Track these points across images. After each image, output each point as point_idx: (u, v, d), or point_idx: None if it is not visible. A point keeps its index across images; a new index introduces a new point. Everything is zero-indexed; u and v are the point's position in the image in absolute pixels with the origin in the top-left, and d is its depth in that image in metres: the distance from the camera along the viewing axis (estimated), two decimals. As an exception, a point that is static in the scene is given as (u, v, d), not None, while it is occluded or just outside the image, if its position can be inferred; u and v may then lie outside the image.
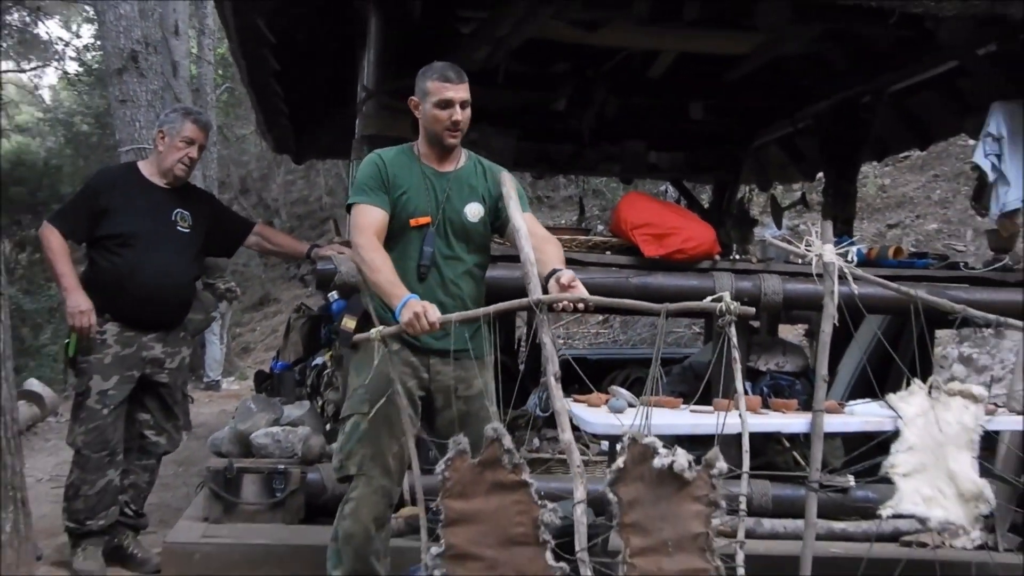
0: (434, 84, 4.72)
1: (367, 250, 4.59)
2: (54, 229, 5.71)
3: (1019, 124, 6.78)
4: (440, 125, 4.73)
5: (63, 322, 6.12)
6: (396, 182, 4.75)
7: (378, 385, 4.63)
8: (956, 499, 4.45)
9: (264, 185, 25.01)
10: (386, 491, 4.78)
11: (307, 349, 8.85)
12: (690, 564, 3.90)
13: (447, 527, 4.08)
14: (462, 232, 4.82)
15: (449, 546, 4.06)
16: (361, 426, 4.71)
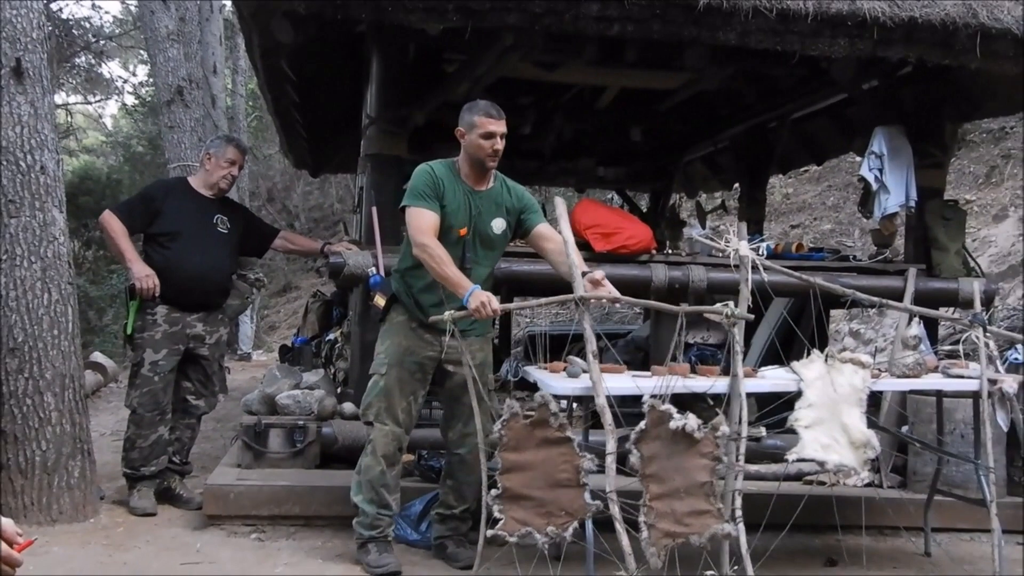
0: (480, 119, 4.78)
1: (434, 248, 4.59)
2: (115, 216, 5.77)
3: (897, 144, 6.80)
4: (483, 152, 4.78)
5: (122, 306, 6.10)
6: (444, 193, 4.76)
7: (396, 353, 4.84)
8: (848, 446, 4.46)
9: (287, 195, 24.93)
10: (396, 436, 4.84)
11: (322, 327, 8.82)
12: (697, 506, 4.12)
13: (503, 474, 4.28)
14: (487, 242, 4.88)
15: (505, 489, 4.26)
16: (380, 384, 4.85)
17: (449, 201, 4.76)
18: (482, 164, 4.83)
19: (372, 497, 4.82)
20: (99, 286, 18.07)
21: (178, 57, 14.10)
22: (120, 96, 28.15)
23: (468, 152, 4.85)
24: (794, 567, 4.99)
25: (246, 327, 16.47)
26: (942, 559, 5.29)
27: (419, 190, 4.73)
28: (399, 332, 4.87)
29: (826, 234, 16.00)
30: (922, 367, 4.95)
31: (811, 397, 4.51)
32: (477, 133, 4.79)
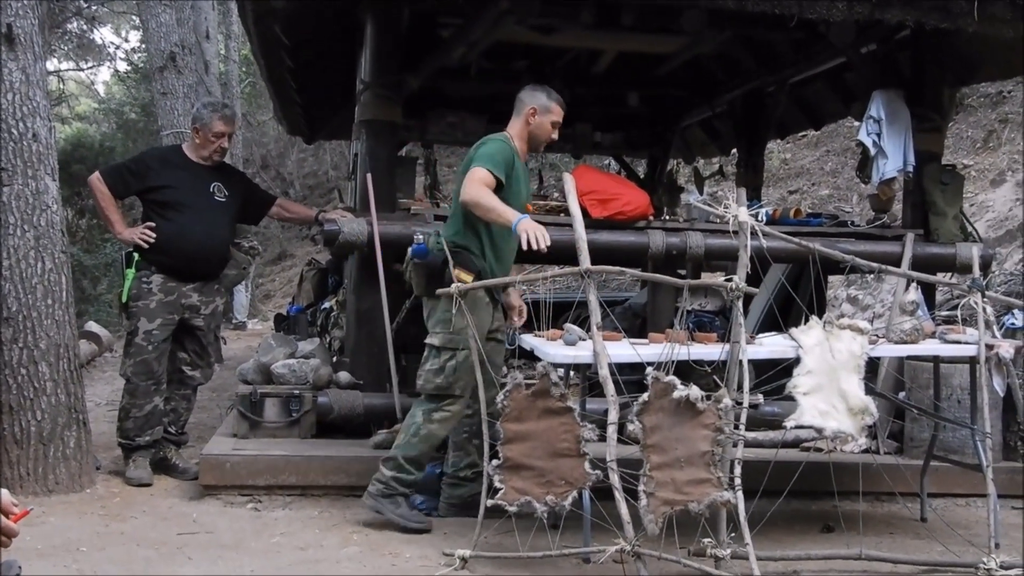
0: (555, 106, 5.10)
1: (486, 194, 4.71)
2: (103, 180, 5.77)
3: (895, 108, 6.77)
4: (547, 136, 5.12)
5: (117, 275, 6.10)
6: (514, 169, 4.95)
7: (481, 328, 4.88)
8: (846, 413, 4.46)
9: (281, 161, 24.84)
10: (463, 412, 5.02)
11: (317, 296, 8.82)
12: (697, 475, 4.14)
13: (504, 444, 4.33)
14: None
15: (506, 459, 4.31)
16: (464, 359, 4.85)
17: (518, 176, 4.99)
18: (538, 147, 5.17)
19: (419, 460, 4.94)
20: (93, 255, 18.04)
21: (170, 22, 14.03)
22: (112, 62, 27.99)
23: (532, 131, 5.08)
24: (791, 533, 5.01)
25: (241, 296, 16.47)
26: (938, 524, 5.31)
27: (495, 158, 4.86)
28: (479, 307, 4.91)
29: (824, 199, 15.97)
30: (919, 333, 4.96)
31: (809, 364, 4.51)
32: (549, 118, 5.08)
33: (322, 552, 4.53)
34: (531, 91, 5.12)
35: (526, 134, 5.09)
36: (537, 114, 5.06)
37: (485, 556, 4.37)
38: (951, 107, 8.41)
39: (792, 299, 6.70)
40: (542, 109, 5.06)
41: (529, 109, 5.05)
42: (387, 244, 6.14)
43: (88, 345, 10.88)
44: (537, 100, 5.07)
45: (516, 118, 5.13)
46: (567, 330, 4.61)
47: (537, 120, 5.06)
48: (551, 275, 4.83)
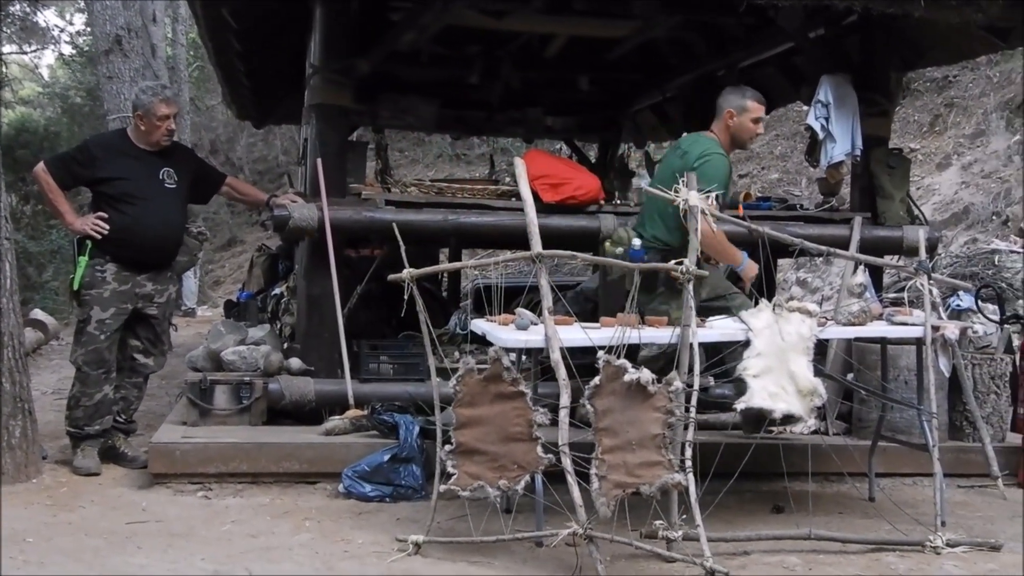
0: (752, 103, 5.36)
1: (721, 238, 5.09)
2: (49, 172, 5.65)
3: (843, 93, 6.83)
4: (750, 134, 5.40)
5: (64, 262, 6.02)
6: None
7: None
8: (795, 394, 4.51)
9: (230, 146, 24.65)
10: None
11: (267, 282, 8.78)
12: (648, 458, 4.16)
13: (457, 429, 4.35)
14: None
15: (459, 444, 4.31)
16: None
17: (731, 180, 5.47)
18: (744, 144, 5.46)
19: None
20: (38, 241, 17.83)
21: (116, 5, 13.87)
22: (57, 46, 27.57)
23: (734, 131, 5.38)
24: (742, 514, 5.06)
25: (190, 282, 16.35)
26: (886, 503, 5.38)
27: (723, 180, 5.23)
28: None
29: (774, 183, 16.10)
30: (867, 315, 5.01)
31: (759, 346, 4.55)
32: (748, 116, 5.35)
33: (274, 539, 4.51)
34: (727, 94, 5.43)
35: (728, 136, 5.41)
36: (735, 116, 5.36)
37: (438, 541, 4.37)
38: (898, 91, 8.50)
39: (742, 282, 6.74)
40: (739, 110, 5.36)
41: (727, 113, 5.37)
42: (338, 229, 6.12)
43: (34, 333, 10.75)
44: (733, 103, 5.38)
45: (717, 121, 5.48)
46: (519, 315, 4.62)
47: (736, 121, 5.37)
48: (502, 260, 4.82)
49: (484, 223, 6.36)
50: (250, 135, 23.49)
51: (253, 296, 8.62)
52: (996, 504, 5.44)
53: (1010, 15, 6.31)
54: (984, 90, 15.08)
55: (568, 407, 4.13)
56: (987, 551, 4.54)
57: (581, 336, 4.44)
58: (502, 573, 4.08)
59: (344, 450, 5.47)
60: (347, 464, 5.28)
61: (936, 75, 15.91)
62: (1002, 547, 4.57)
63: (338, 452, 5.46)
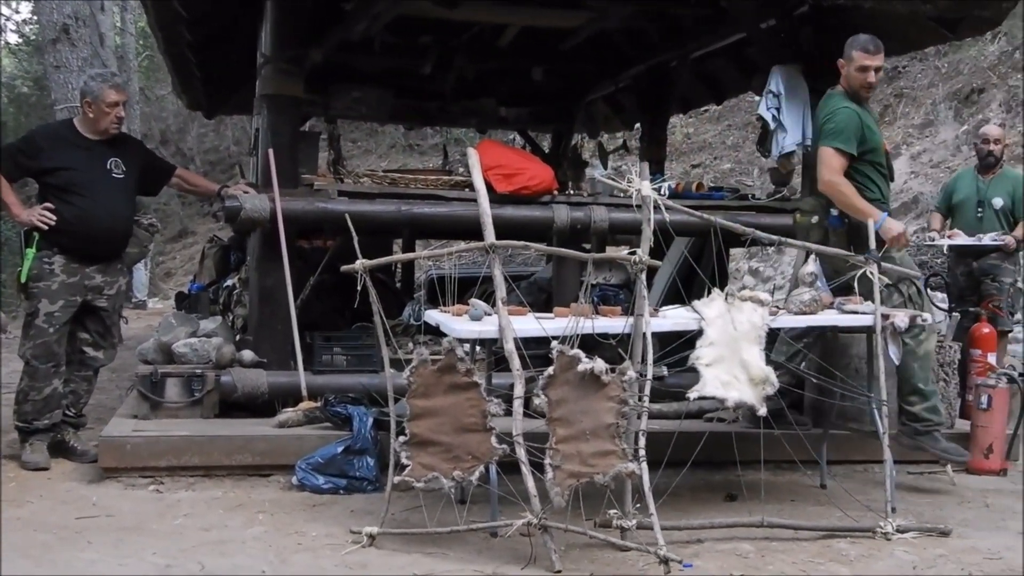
0: (857, 53, 5.38)
1: (843, 187, 5.32)
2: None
3: (794, 83, 6.86)
4: (857, 83, 5.43)
5: (11, 254, 5.93)
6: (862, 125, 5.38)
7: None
8: (748, 383, 4.54)
9: (181, 137, 24.44)
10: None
11: (219, 273, 8.71)
12: (602, 447, 4.18)
13: (411, 420, 4.33)
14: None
15: (413, 435, 4.31)
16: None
17: (868, 127, 5.40)
18: (857, 96, 5.44)
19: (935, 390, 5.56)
20: (-17, 234, 17.57)
21: (63, -7, 13.66)
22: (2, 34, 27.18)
23: (849, 82, 5.46)
24: (695, 502, 5.08)
25: (140, 274, 16.19)
26: (837, 490, 5.43)
27: (847, 133, 5.33)
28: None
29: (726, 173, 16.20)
30: (818, 304, 5.05)
31: (712, 335, 4.57)
32: (853, 66, 5.40)
33: (227, 533, 4.48)
34: (845, 46, 5.49)
35: (849, 88, 5.49)
36: (845, 66, 5.46)
37: (393, 533, 4.36)
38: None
39: (695, 272, 6.78)
40: (847, 60, 5.44)
41: (839, 63, 5.49)
42: (290, 220, 6.09)
43: (-20, 326, 10.60)
44: (845, 52, 5.46)
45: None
46: (472, 305, 4.61)
47: (846, 71, 5.47)
48: (456, 250, 4.81)
49: (437, 214, 6.36)
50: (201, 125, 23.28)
51: (205, 288, 8.55)
52: (945, 490, 5.52)
53: (958, 6, 6.38)
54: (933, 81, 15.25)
55: (522, 397, 4.15)
56: (936, 536, 4.60)
57: (535, 326, 4.45)
58: (457, 564, 4.08)
59: (297, 442, 5.44)
60: (300, 456, 5.26)
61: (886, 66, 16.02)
62: (951, 532, 4.64)
63: (291, 444, 5.43)
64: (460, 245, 4.88)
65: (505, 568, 4.02)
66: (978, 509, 5.17)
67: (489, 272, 4.43)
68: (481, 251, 4.57)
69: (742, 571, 4.08)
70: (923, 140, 14.01)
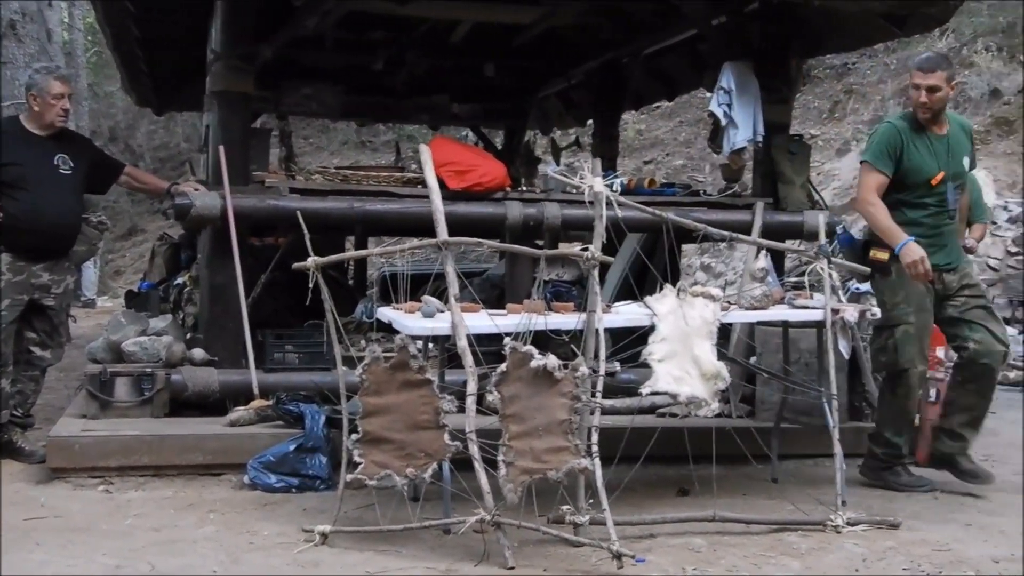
0: (913, 72, 5.30)
1: (876, 205, 5.22)
2: None
3: (745, 80, 6.92)
4: (915, 103, 5.27)
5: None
6: (904, 148, 5.22)
7: (916, 298, 5.26)
8: (700, 378, 4.57)
9: (131, 134, 24.19)
10: (921, 375, 5.37)
11: (169, 271, 8.65)
12: (555, 443, 4.19)
13: (364, 418, 4.32)
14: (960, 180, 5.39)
15: (365, 432, 4.28)
16: (908, 331, 5.25)
17: (911, 152, 5.22)
18: (917, 114, 5.27)
19: (901, 429, 5.40)
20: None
21: (9, -12, 13.49)
22: (-53, 30, 26.78)
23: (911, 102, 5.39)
24: (648, 497, 5.11)
25: (89, 272, 16.01)
26: (788, 484, 5.49)
27: (878, 150, 5.26)
28: (910, 280, 5.21)
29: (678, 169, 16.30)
30: (769, 299, 5.09)
31: (664, 331, 4.59)
32: (911, 83, 5.31)
33: (177, 532, 4.44)
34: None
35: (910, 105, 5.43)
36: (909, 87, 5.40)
37: (345, 531, 4.35)
38: (798, 78, 8.63)
39: (647, 268, 6.81)
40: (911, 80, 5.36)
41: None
42: (241, 218, 6.05)
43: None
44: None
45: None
46: (425, 302, 4.61)
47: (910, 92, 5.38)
48: (408, 247, 4.79)
49: (390, 211, 6.34)
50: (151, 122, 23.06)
51: (155, 286, 8.49)
52: (895, 483, 5.58)
53: (906, 4, 6.47)
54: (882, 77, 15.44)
55: (475, 394, 4.15)
56: (886, 529, 4.65)
57: (488, 323, 4.45)
58: (410, 561, 4.07)
59: (249, 441, 5.41)
60: (252, 455, 5.23)
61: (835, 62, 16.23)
62: (900, 525, 4.69)
63: (243, 443, 5.40)
64: (413, 242, 4.84)
65: (458, 565, 4.02)
66: (927, 501, 5.23)
67: (442, 269, 4.43)
68: (434, 248, 4.55)
69: (694, 565, 4.10)
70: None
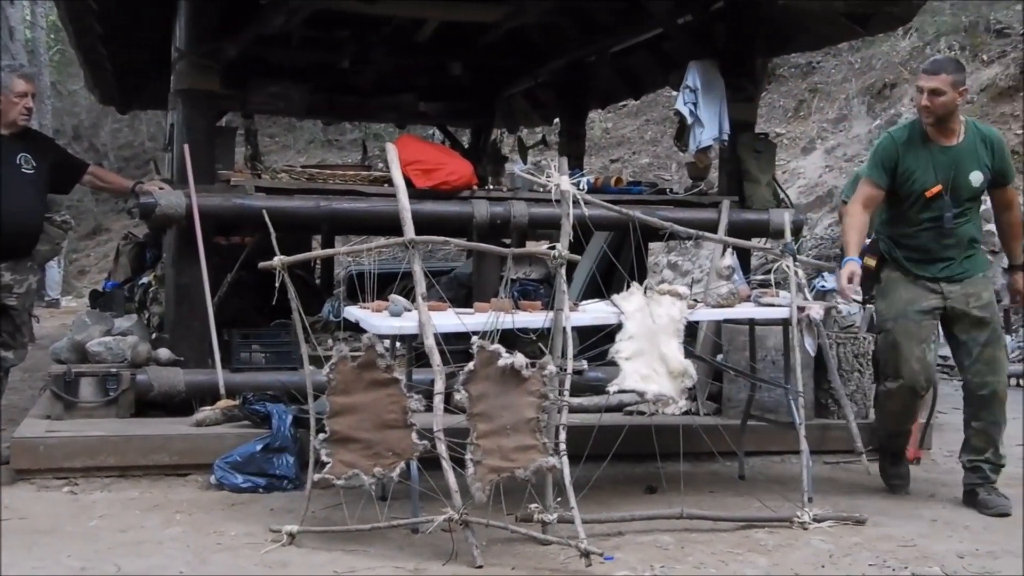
0: (919, 75, 4.98)
1: (851, 215, 5.09)
2: None
3: (710, 78, 6.94)
4: (918, 105, 4.94)
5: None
6: (901, 159, 4.97)
7: (898, 306, 5.06)
8: (667, 376, 4.58)
9: (94, 132, 23.99)
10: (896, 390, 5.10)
11: (134, 271, 8.59)
12: (523, 442, 4.19)
13: (331, 418, 4.30)
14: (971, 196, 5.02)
15: (333, 432, 4.27)
16: (889, 338, 5.09)
17: (907, 164, 4.96)
18: (926, 119, 4.94)
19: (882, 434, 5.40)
20: None
21: (-31, -14, 13.36)
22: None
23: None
24: (616, 495, 5.12)
25: (53, 272, 15.93)
26: (755, 481, 5.52)
27: (873, 160, 5.12)
28: (897, 287, 5.10)
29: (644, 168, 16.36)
30: (735, 296, 5.11)
31: (631, 329, 4.60)
32: (916, 86, 4.99)
33: (143, 534, 4.41)
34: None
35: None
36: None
37: (313, 531, 4.33)
38: (763, 77, 8.69)
39: (615, 266, 6.83)
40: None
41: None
42: (207, 217, 6.01)
43: None
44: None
45: None
46: (392, 301, 4.60)
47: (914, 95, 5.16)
48: (375, 246, 4.78)
49: (357, 209, 6.32)
50: (115, 120, 22.88)
51: (120, 285, 8.43)
52: (861, 480, 5.62)
53: (869, 3, 6.53)
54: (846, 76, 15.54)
55: (443, 393, 4.14)
56: (852, 525, 4.68)
57: (455, 322, 4.45)
58: (378, 561, 4.06)
59: (216, 441, 5.37)
60: (219, 455, 5.20)
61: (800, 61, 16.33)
62: (866, 521, 4.72)
63: (209, 443, 5.37)
64: (379, 241, 4.83)
65: (427, 564, 4.02)
66: (893, 498, 5.26)
67: (409, 268, 4.42)
68: (401, 247, 4.54)
69: (662, 563, 4.11)
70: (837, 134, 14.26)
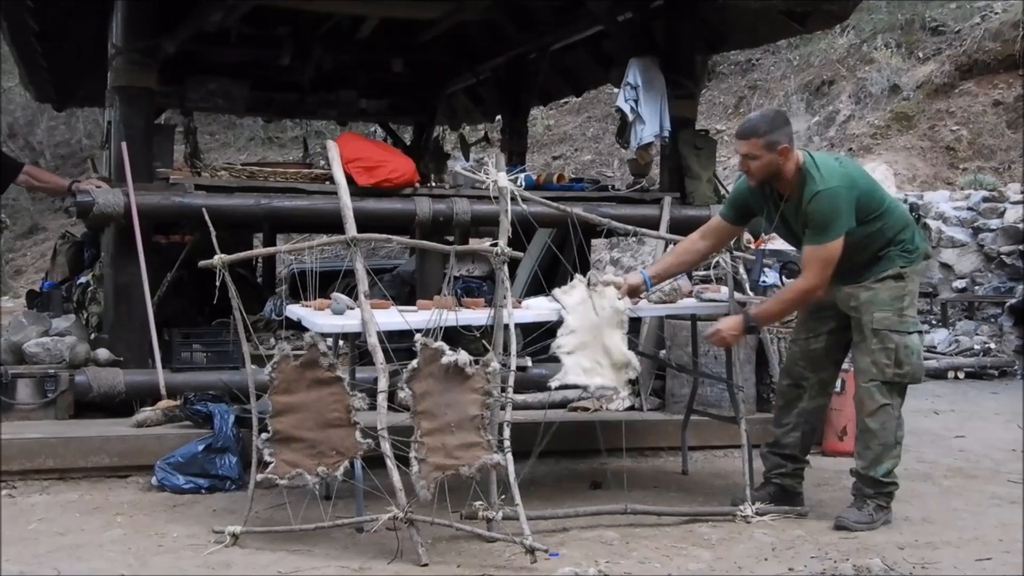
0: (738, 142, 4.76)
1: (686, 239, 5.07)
2: None
3: (651, 75, 6.97)
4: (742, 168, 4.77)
5: None
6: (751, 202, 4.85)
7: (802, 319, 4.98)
8: (610, 368, 4.60)
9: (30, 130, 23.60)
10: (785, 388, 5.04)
11: (72, 270, 8.45)
12: (467, 439, 4.18)
13: (274, 417, 4.25)
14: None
15: (276, 431, 4.24)
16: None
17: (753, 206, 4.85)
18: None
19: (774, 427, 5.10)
20: None
21: (-101, -19, 13.06)
22: None
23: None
24: (561, 492, 5.13)
25: (-11, 272, 15.65)
26: (699, 475, 5.56)
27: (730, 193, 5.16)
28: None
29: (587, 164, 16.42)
30: (678, 292, 5.14)
31: (572, 323, 4.60)
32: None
33: (84, 536, 4.35)
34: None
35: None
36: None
37: (257, 531, 4.30)
38: (703, 74, 8.77)
39: (558, 262, 6.85)
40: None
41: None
42: (145, 215, 5.94)
43: None
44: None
45: None
46: (334, 299, 4.57)
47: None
48: (317, 244, 4.75)
49: (298, 207, 6.28)
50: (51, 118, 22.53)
51: (57, 285, 8.29)
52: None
53: (807, 1, 6.58)
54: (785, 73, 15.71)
55: (386, 391, 4.13)
56: (794, 518, 4.74)
57: (398, 320, 4.43)
58: (323, 561, 4.04)
59: (156, 442, 5.32)
60: (160, 456, 5.14)
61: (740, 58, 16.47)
62: (808, 513, 4.78)
63: (150, 444, 5.31)
64: (321, 239, 4.81)
65: (372, 563, 4.01)
66: (834, 490, 5.32)
67: (351, 266, 4.40)
68: (342, 245, 4.52)
69: (607, 558, 4.13)
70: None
